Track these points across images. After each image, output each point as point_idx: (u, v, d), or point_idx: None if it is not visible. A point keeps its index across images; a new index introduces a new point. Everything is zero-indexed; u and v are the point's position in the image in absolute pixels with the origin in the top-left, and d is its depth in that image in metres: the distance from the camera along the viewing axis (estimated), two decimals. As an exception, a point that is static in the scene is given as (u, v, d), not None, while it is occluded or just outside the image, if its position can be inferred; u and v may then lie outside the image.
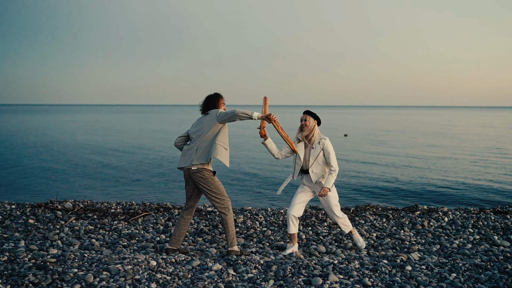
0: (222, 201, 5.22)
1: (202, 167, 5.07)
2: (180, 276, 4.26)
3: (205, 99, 5.37)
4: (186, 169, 5.17)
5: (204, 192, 5.19)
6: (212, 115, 5.14)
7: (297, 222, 5.64)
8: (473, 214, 8.03)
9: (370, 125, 53.57)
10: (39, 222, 7.20)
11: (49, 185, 13.85)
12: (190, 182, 5.29)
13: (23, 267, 4.37)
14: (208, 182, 5.11)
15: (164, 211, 8.14)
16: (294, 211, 5.58)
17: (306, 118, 5.51)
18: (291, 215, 5.57)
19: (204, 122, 5.17)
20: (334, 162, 5.47)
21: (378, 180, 14.15)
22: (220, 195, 5.19)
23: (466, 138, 33.55)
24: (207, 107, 5.30)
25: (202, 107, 5.35)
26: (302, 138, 5.59)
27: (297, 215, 5.60)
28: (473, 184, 13.68)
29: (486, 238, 6.65)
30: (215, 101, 5.30)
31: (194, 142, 5.16)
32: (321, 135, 5.56)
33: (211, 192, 5.15)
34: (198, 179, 5.10)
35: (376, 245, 6.32)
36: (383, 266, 4.58)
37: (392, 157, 20.99)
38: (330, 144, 5.51)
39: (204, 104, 5.34)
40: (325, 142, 5.47)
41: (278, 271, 4.43)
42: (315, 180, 5.53)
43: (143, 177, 15.21)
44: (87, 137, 33.61)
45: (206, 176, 5.10)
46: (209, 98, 5.35)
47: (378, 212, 8.22)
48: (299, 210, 5.62)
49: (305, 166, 5.61)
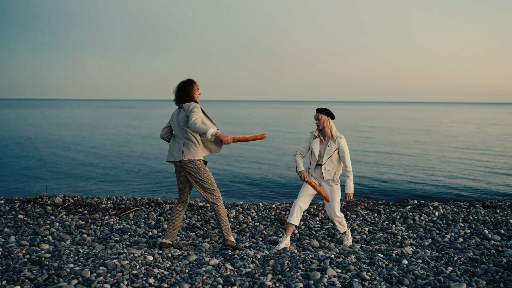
0: (213, 192, 5.19)
1: (193, 158, 5.05)
2: (177, 271, 4.23)
3: (177, 86, 5.21)
4: (177, 162, 5.15)
5: (195, 183, 5.15)
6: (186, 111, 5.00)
7: (301, 214, 5.67)
8: (463, 209, 8.13)
9: (357, 120, 53.85)
10: (29, 218, 7.11)
11: (38, 180, 13.67)
12: (182, 174, 5.26)
13: (18, 263, 4.30)
14: (199, 172, 5.08)
15: (155, 206, 8.09)
16: (302, 201, 5.63)
17: (318, 117, 5.55)
18: (298, 204, 5.61)
19: (181, 119, 5.08)
20: (349, 163, 5.55)
21: (366, 176, 14.25)
22: (211, 185, 5.17)
23: (452, 133, 33.89)
24: (180, 97, 5.14)
25: (176, 96, 5.18)
26: (317, 134, 5.64)
27: (303, 207, 5.64)
28: (462, 179, 13.84)
29: (477, 232, 6.72)
30: (188, 88, 5.14)
31: (179, 137, 5.13)
32: (338, 133, 5.59)
33: (202, 183, 5.12)
34: (190, 169, 5.07)
35: (369, 239, 6.35)
36: (380, 260, 4.60)
37: (379, 152, 21.12)
38: (345, 143, 5.55)
39: (177, 92, 5.17)
40: (340, 141, 5.51)
41: (276, 265, 4.42)
42: (327, 178, 5.58)
43: (133, 172, 15.09)
44: (75, 132, 33.25)
45: (198, 166, 5.07)
46: (182, 85, 5.18)
47: (370, 207, 8.27)
48: (306, 202, 5.67)
49: (318, 161, 5.65)
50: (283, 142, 26.50)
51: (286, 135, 31.58)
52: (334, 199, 5.65)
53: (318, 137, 5.64)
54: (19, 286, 3.78)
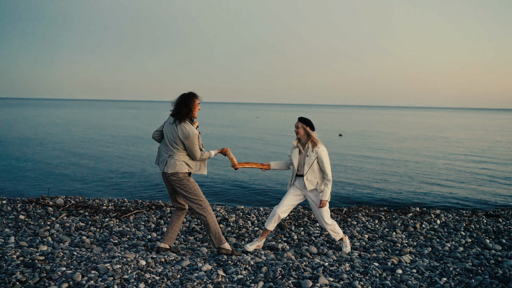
0: (199, 202, 5.18)
1: (176, 171, 5.06)
2: (169, 276, 4.23)
3: (179, 98, 5.10)
4: (163, 173, 5.18)
5: (181, 194, 5.17)
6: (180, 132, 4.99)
7: (278, 222, 5.69)
8: (465, 217, 8.04)
9: (367, 125, 53.64)
10: (30, 218, 7.15)
11: (41, 180, 13.76)
12: (168, 184, 5.30)
13: (11, 265, 4.32)
14: (183, 183, 5.08)
15: (156, 209, 8.11)
16: (282, 211, 5.62)
17: (298, 125, 5.51)
18: (278, 214, 5.61)
19: (176, 137, 5.04)
20: (329, 171, 5.45)
21: (371, 181, 14.16)
22: (197, 195, 5.16)
23: (460, 140, 33.63)
24: (179, 111, 5.03)
25: (175, 108, 5.08)
26: (296, 144, 5.60)
27: (282, 216, 5.64)
28: (466, 186, 13.71)
29: (478, 241, 6.65)
30: (189, 103, 5.05)
31: (169, 150, 5.11)
32: (318, 142, 5.51)
33: (187, 193, 5.13)
34: (174, 182, 5.09)
35: (368, 246, 6.31)
36: (374, 269, 4.56)
37: (385, 158, 21.01)
38: (324, 151, 5.46)
39: (178, 104, 5.07)
40: (318, 150, 5.43)
41: (268, 272, 4.40)
42: (310, 188, 5.52)
43: (136, 174, 15.15)
44: (79, 133, 33.46)
45: (181, 178, 5.07)
46: (184, 99, 5.06)
47: (371, 213, 8.22)
48: (286, 211, 5.66)
49: (299, 172, 5.61)
50: (287, 146, 26.45)
51: (291, 139, 31.53)
52: (321, 209, 5.58)
53: (297, 147, 5.59)
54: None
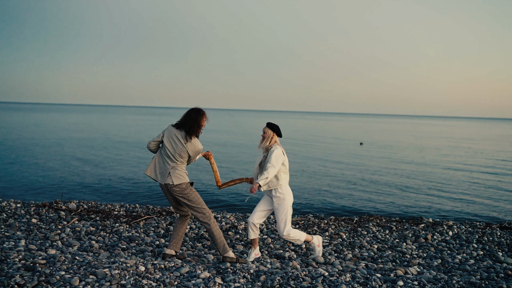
0: (203, 211, 5.23)
1: (179, 183, 5.10)
2: (166, 283, 4.24)
3: (188, 113, 5.15)
4: (164, 185, 5.19)
5: (184, 204, 5.22)
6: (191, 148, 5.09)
7: (256, 229, 5.69)
8: (479, 229, 7.86)
9: (391, 134, 53.07)
10: (42, 222, 7.27)
11: (55, 185, 13.98)
12: (168, 195, 5.32)
13: (12, 268, 4.40)
14: (185, 193, 5.13)
15: (166, 215, 8.15)
16: (254, 218, 5.64)
17: (264, 130, 5.56)
18: (250, 222, 5.64)
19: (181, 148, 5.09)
20: (273, 162, 5.31)
21: (386, 190, 13.98)
22: (200, 205, 5.21)
23: (479, 150, 32.99)
24: (189, 126, 5.10)
25: (184, 122, 5.13)
26: (259, 147, 5.63)
27: (256, 222, 5.65)
28: (481, 198, 13.41)
29: (490, 254, 6.49)
30: (198, 119, 5.12)
31: (169, 161, 5.13)
32: (277, 145, 5.51)
33: (191, 203, 5.18)
34: (177, 192, 5.13)
35: (376, 257, 6.22)
36: (374, 280, 4.49)
37: (403, 167, 20.74)
38: (277, 150, 5.42)
39: (187, 120, 5.12)
40: (271, 150, 5.43)
41: (266, 281, 4.38)
42: (264, 189, 5.48)
43: (148, 181, 15.26)
44: (95, 137, 33.91)
45: (184, 187, 5.13)
46: (195, 114, 5.13)
47: (382, 223, 8.10)
48: (259, 218, 5.67)
49: None
50: (297, 156, 26.33)
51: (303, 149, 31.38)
52: (278, 216, 5.53)
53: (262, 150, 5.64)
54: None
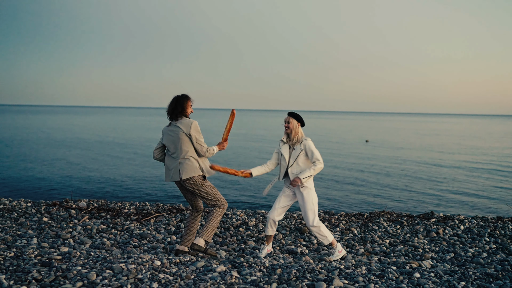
0: (219, 203, 5.25)
1: (191, 176, 5.09)
2: (182, 276, 4.24)
3: (173, 100, 5.22)
4: (177, 181, 5.20)
5: (200, 197, 5.22)
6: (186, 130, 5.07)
7: (275, 226, 5.62)
8: (490, 223, 7.83)
9: (397, 132, 52.97)
10: (53, 221, 7.28)
11: (66, 183, 14.02)
12: (185, 190, 5.34)
13: (28, 263, 4.41)
14: (200, 187, 5.13)
15: (176, 212, 8.15)
16: (275, 215, 5.55)
17: (288, 120, 5.45)
18: (270, 219, 5.55)
19: (178, 136, 5.10)
20: (318, 156, 5.32)
21: (395, 186, 13.96)
22: (215, 197, 5.22)
23: (487, 146, 32.89)
24: (174, 111, 5.16)
25: (169, 109, 5.19)
26: (285, 139, 5.54)
27: (277, 219, 5.57)
28: (490, 192, 13.37)
29: (503, 247, 6.46)
30: (183, 103, 5.17)
31: (175, 156, 5.14)
32: (304, 136, 5.47)
33: (206, 195, 5.18)
34: (191, 186, 5.12)
35: (389, 251, 6.20)
36: (391, 272, 4.48)
37: (410, 164, 20.69)
38: (311, 143, 5.40)
39: (172, 106, 5.18)
40: (306, 143, 5.37)
41: (283, 274, 4.37)
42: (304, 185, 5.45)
43: (158, 178, 15.29)
44: (104, 138, 33.98)
45: (197, 181, 5.12)
46: (178, 100, 5.19)
47: (393, 218, 8.08)
48: (280, 214, 5.59)
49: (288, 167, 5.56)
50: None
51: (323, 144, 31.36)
52: (305, 206, 5.44)
53: (287, 142, 5.53)
54: (26, 287, 3.87)
